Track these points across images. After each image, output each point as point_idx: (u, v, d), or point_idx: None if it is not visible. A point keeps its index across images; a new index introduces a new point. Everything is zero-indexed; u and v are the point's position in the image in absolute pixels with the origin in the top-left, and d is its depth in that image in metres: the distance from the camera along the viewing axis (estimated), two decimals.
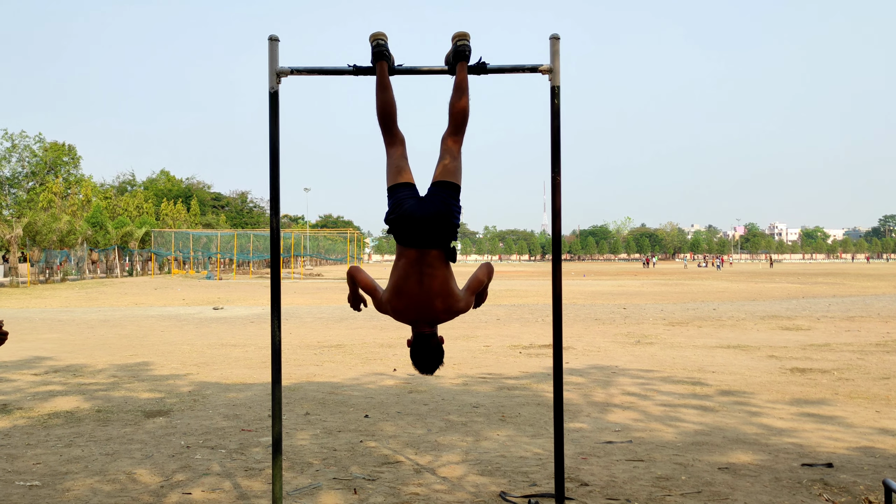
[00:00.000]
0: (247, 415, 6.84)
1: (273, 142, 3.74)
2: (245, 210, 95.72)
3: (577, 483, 4.75)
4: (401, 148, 3.68)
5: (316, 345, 12.17)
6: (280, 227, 3.85)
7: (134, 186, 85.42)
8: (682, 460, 5.29)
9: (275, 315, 3.82)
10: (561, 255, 3.82)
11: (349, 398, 7.63)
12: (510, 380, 8.75)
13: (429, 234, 3.47)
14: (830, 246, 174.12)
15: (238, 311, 20.03)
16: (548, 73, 3.72)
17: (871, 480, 4.77)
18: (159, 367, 9.78)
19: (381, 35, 3.68)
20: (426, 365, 3.63)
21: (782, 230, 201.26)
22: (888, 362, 9.95)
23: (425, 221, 3.45)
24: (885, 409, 7.02)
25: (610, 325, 15.38)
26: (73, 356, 10.89)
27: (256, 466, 5.16)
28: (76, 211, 53.03)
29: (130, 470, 5.06)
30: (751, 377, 8.88)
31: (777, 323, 15.73)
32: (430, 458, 5.39)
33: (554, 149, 3.73)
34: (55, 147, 63.59)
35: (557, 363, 3.86)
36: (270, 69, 3.69)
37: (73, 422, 6.56)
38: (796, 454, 5.44)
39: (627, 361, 10.23)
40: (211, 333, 14.09)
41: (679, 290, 31.37)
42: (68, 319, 17.28)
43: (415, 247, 3.50)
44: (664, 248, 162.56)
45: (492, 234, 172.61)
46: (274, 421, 3.85)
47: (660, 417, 6.73)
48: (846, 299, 23.98)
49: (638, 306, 21.13)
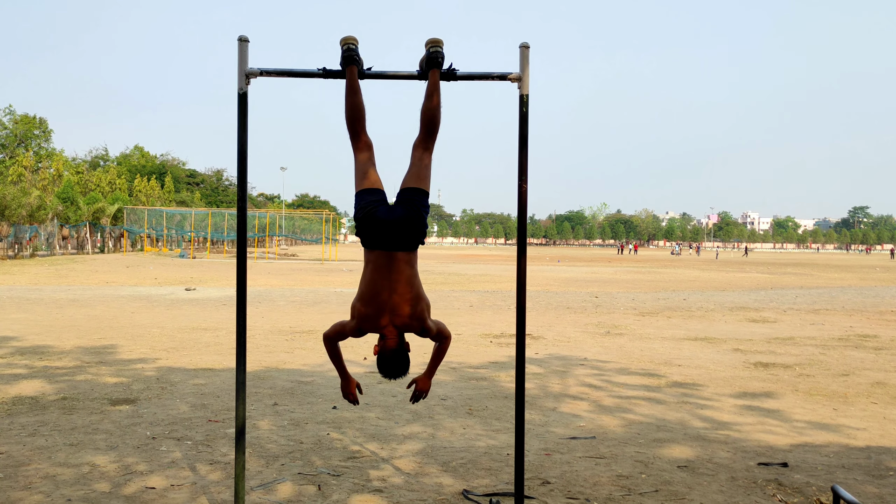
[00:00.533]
0: (214, 404, 6.84)
1: (241, 143, 3.72)
2: (220, 188, 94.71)
3: (538, 481, 4.83)
4: (368, 152, 3.70)
5: (288, 330, 12.16)
6: (247, 232, 3.84)
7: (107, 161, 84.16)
8: (643, 458, 5.40)
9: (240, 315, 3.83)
10: (526, 261, 3.87)
11: (318, 388, 7.65)
12: (480, 370, 8.83)
13: (398, 237, 3.53)
14: (801, 236, 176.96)
15: (211, 292, 19.91)
16: (517, 82, 3.74)
17: (824, 481, 4.91)
18: (127, 351, 9.72)
19: (352, 39, 3.68)
20: (392, 370, 3.69)
21: (755, 219, 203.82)
22: (849, 358, 10.19)
23: (394, 225, 3.50)
24: (842, 407, 7.20)
25: (581, 315, 15.53)
26: (39, 337, 10.77)
27: (222, 459, 5.17)
28: (47, 185, 52.18)
29: (93, 461, 5.06)
30: (715, 371, 9.05)
31: (744, 315, 16.00)
32: (395, 452, 5.45)
33: (521, 156, 3.76)
34: (26, 120, 62.37)
35: (519, 369, 3.91)
36: (240, 70, 3.66)
37: (37, 409, 6.51)
38: (753, 453, 5.58)
39: (596, 353, 10.37)
40: (182, 316, 14.01)
41: (651, 278, 31.72)
42: (36, 298, 17.06)
43: (383, 249, 3.55)
44: (639, 234, 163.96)
45: (469, 216, 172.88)
46: (237, 413, 3.86)
47: (627, 410, 6.85)
48: (813, 291, 24.43)
49: (610, 295, 21.34)
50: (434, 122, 3.66)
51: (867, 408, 7.20)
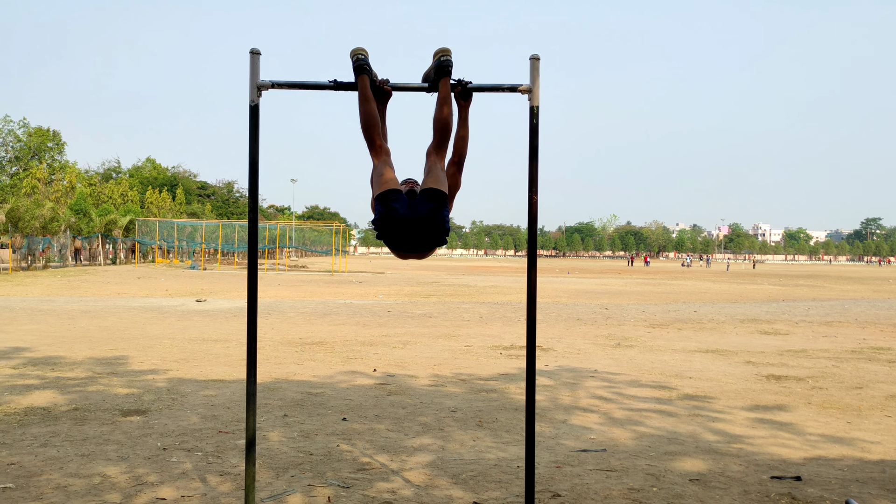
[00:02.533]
0: (225, 415, 6.85)
1: (253, 155, 3.75)
2: (231, 200, 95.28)
3: (549, 494, 4.81)
4: (386, 157, 3.71)
5: (298, 341, 12.18)
6: (258, 244, 3.86)
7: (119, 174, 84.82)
8: (654, 471, 5.36)
9: (251, 326, 3.84)
10: (536, 276, 3.86)
11: (328, 399, 7.65)
12: (490, 382, 8.81)
13: (419, 240, 3.53)
14: (813, 247, 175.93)
15: (221, 303, 19.97)
16: (527, 93, 3.75)
17: (838, 495, 4.86)
18: (139, 363, 9.75)
19: (362, 50, 3.71)
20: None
21: (766, 231, 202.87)
22: (862, 371, 10.10)
23: (415, 228, 3.50)
24: (856, 420, 7.13)
25: (591, 326, 15.48)
26: (51, 348, 10.83)
27: (232, 471, 5.17)
28: (60, 197, 52.55)
29: (105, 472, 5.07)
30: (726, 384, 8.99)
31: (756, 327, 15.90)
32: (405, 464, 5.43)
33: (532, 167, 3.77)
34: (40, 132, 62.93)
35: (530, 381, 3.90)
36: (251, 83, 3.69)
37: (49, 420, 6.54)
38: (766, 466, 5.53)
39: (606, 365, 10.32)
40: (193, 327, 14.06)
41: (661, 290, 31.59)
42: (49, 309, 17.17)
43: (405, 251, 3.60)
44: (649, 246, 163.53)
45: (478, 228, 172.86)
46: (248, 425, 3.87)
47: (638, 423, 6.81)
48: (825, 303, 24.26)
49: (620, 306, 21.27)
50: (447, 128, 3.68)
51: (881, 421, 7.13)
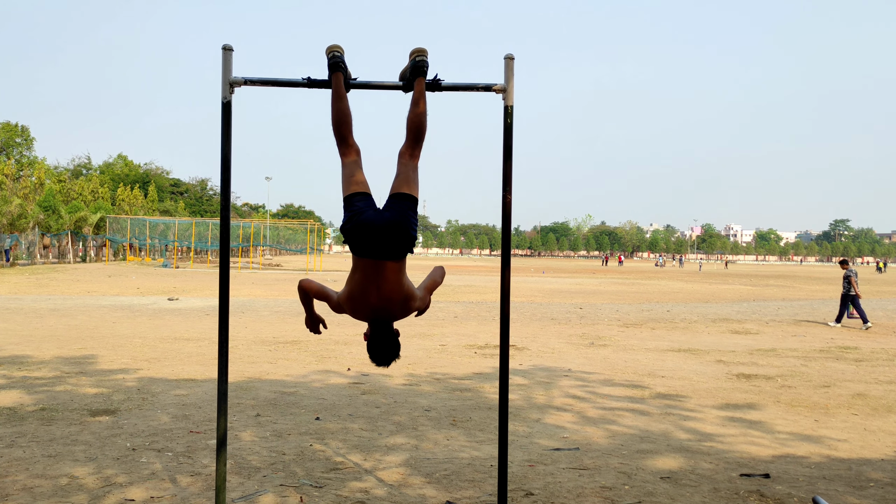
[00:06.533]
0: (196, 415, 6.77)
1: (225, 152, 3.70)
2: (205, 197, 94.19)
3: (522, 492, 4.82)
4: (356, 157, 3.69)
5: (271, 340, 12.09)
6: (231, 242, 3.82)
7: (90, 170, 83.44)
8: (626, 469, 5.40)
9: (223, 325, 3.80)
10: (510, 276, 3.87)
11: (301, 399, 7.60)
12: (464, 381, 8.81)
13: (387, 244, 3.48)
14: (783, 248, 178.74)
15: (194, 302, 19.76)
16: (501, 93, 3.75)
17: (805, 492, 4.93)
18: (108, 362, 9.61)
19: (337, 48, 3.68)
20: (383, 357, 3.69)
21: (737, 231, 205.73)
22: (830, 369, 10.27)
23: (383, 231, 3.46)
24: (823, 419, 7.25)
25: (566, 326, 15.56)
26: (18, 347, 10.64)
27: (203, 471, 5.12)
28: (28, 194, 51.62)
29: (72, 472, 4.99)
30: (698, 383, 9.09)
31: (727, 326, 16.09)
32: (379, 463, 5.42)
33: (506, 167, 3.77)
34: (7, 127, 61.81)
35: (503, 380, 3.91)
36: (224, 79, 3.65)
37: (15, 420, 6.42)
38: (736, 464, 5.60)
39: (580, 364, 10.38)
40: (164, 326, 13.89)
41: (635, 289, 31.85)
42: (16, 308, 16.86)
43: (372, 257, 3.51)
44: (623, 246, 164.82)
45: (454, 227, 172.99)
46: (219, 425, 3.82)
47: (611, 421, 6.86)
48: (794, 303, 24.63)
49: (594, 306, 21.41)
50: (421, 129, 3.67)
51: (848, 419, 7.25)
